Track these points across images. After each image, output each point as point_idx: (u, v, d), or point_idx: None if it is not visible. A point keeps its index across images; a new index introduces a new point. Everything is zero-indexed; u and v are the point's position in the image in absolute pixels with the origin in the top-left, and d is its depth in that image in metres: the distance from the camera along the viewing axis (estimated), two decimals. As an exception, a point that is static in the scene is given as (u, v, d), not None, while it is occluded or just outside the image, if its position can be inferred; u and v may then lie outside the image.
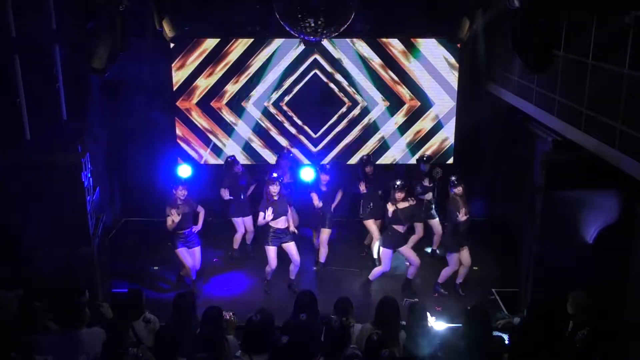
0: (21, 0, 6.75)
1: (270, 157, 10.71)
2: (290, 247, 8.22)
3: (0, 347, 4.60)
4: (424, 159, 9.33)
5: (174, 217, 7.77)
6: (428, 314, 5.56)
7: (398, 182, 8.03)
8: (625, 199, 6.95)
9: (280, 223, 8.03)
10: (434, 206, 9.26)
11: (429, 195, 9.12)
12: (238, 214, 9.17)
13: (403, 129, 10.84)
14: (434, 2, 9.12)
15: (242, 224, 9.22)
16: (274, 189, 7.90)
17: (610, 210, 7.03)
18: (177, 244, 8.09)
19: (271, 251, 8.09)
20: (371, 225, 9.00)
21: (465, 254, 8.16)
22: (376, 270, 8.33)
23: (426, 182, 9.15)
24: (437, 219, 9.27)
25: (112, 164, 10.45)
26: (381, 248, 8.30)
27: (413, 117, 10.79)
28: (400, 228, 8.06)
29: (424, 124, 10.82)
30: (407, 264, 8.51)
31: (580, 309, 5.58)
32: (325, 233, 8.91)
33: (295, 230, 8.46)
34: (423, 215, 9.15)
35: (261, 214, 7.94)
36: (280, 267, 8.34)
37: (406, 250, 8.25)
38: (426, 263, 8.85)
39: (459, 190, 7.92)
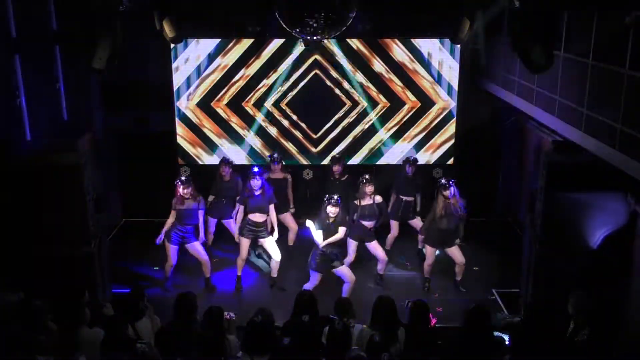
0: (21, 0, 6.74)
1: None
2: (266, 242, 8.32)
3: (1, 347, 4.60)
4: (410, 161, 9.35)
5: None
6: (430, 314, 5.57)
7: (366, 176, 8.18)
8: (625, 200, 6.94)
9: (257, 217, 8.13)
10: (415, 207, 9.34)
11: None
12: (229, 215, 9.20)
13: (404, 129, 10.83)
14: (434, 2, 9.12)
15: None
16: (255, 183, 8.04)
17: (613, 213, 7.02)
18: (172, 239, 8.10)
19: (243, 242, 8.25)
20: None
21: (455, 252, 8.22)
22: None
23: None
24: (417, 218, 9.28)
25: (112, 164, 10.44)
26: (347, 238, 8.28)
27: (413, 117, 10.78)
28: (366, 223, 8.17)
29: (424, 124, 10.81)
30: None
31: (581, 310, 5.57)
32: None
33: (275, 229, 8.40)
34: (400, 214, 9.22)
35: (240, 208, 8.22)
36: (280, 267, 8.32)
37: (373, 245, 8.30)
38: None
39: (446, 193, 7.99)
